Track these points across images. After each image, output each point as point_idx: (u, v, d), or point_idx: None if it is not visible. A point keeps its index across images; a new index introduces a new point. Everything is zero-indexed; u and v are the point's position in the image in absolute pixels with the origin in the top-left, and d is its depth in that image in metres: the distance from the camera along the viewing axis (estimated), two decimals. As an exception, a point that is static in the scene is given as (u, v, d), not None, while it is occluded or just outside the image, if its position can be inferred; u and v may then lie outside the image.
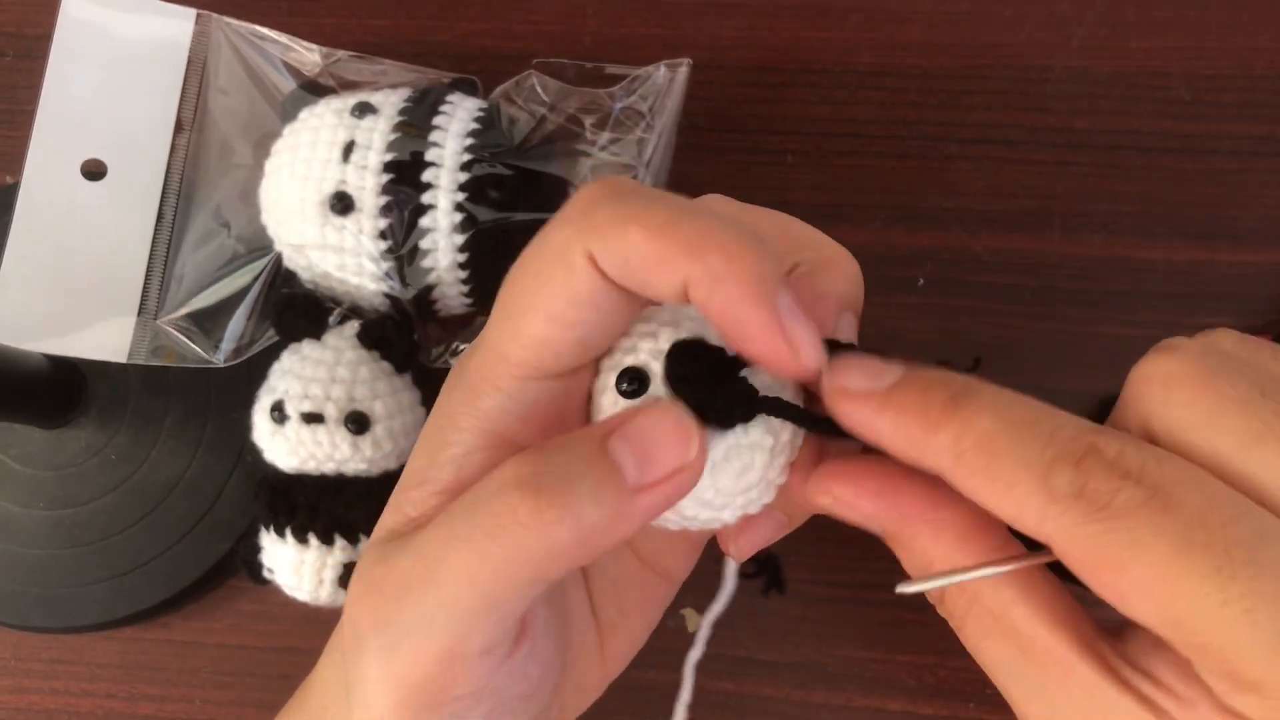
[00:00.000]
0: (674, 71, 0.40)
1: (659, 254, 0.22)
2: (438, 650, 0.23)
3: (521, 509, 0.22)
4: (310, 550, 0.37)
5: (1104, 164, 0.43)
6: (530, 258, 0.24)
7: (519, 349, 0.24)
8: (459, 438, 0.25)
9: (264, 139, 0.40)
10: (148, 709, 0.41)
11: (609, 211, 0.23)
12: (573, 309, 0.23)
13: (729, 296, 0.22)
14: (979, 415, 0.21)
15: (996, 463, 0.21)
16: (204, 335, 0.39)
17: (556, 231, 0.23)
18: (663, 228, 0.22)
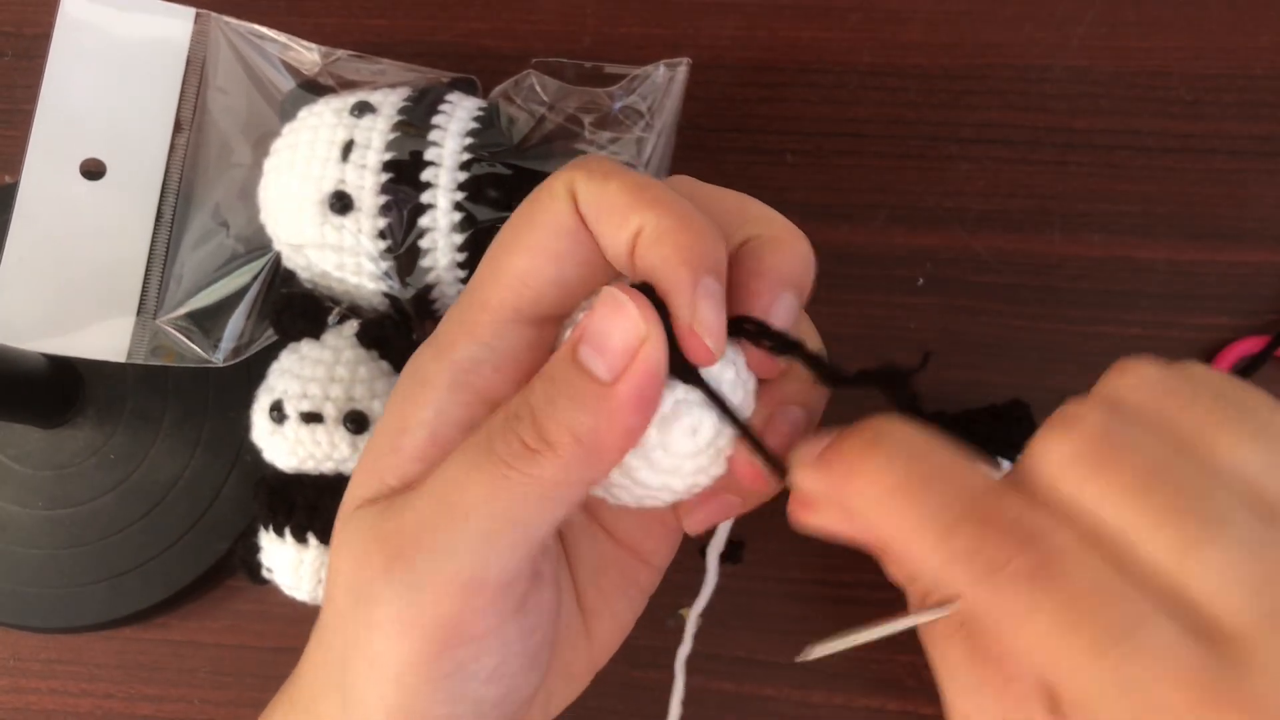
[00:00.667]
0: (673, 71, 0.40)
1: (625, 203, 0.23)
2: (463, 578, 0.23)
3: (527, 436, 0.23)
4: (309, 550, 0.37)
5: (1104, 164, 0.43)
6: (519, 208, 0.25)
7: (499, 289, 0.25)
8: (432, 395, 0.25)
9: (263, 138, 0.40)
10: (146, 709, 0.41)
11: (597, 164, 0.24)
12: (555, 239, 0.24)
13: (663, 254, 0.23)
14: (891, 465, 0.22)
15: (902, 516, 0.22)
16: (203, 335, 0.39)
17: (548, 180, 0.25)
18: (637, 185, 0.24)
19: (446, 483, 0.24)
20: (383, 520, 0.24)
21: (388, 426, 0.26)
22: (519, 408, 0.23)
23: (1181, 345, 0.41)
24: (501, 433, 0.23)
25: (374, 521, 0.25)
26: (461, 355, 0.25)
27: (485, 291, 0.25)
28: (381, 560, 0.24)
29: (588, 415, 0.23)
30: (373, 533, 0.24)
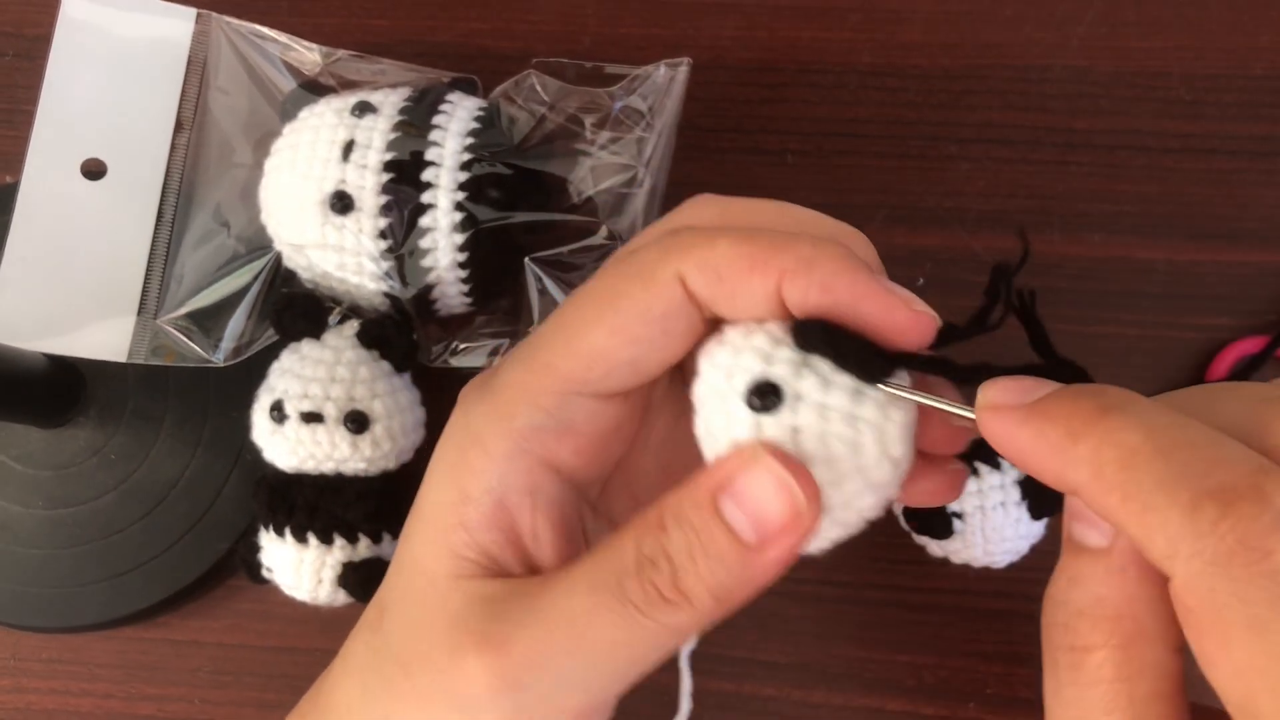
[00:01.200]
0: (674, 71, 0.40)
1: (750, 256, 0.23)
2: (580, 708, 0.24)
3: (664, 587, 0.23)
4: (309, 550, 0.37)
5: (1104, 164, 0.43)
6: (604, 277, 0.24)
7: (570, 360, 0.24)
8: (492, 465, 0.25)
9: (264, 138, 0.40)
10: (147, 709, 0.41)
11: (691, 234, 0.24)
12: (642, 324, 0.24)
13: (828, 275, 0.22)
14: (1127, 429, 0.19)
15: (1135, 481, 0.19)
16: (204, 335, 0.39)
17: (640, 255, 0.24)
18: (747, 235, 0.23)
19: (574, 614, 0.23)
20: (491, 624, 0.24)
21: (447, 494, 0.25)
22: (655, 554, 0.23)
23: (1181, 345, 0.41)
24: (636, 578, 0.23)
25: (480, 624, 0.24)
26: (522, 423, 0.25)
27: (554, 357, 0.24)
28: (489, 675, 0.23)
29: (729, 576, 0.22)
30: (479, 637, 0.24)
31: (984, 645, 0.40)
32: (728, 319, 0.24)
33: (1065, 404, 0.21)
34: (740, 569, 0.22)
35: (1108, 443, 0.19)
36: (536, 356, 0.25)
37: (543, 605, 0.24)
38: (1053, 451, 0.20)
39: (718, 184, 0.43)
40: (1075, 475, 0.20)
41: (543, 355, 0.25)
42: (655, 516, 0.23)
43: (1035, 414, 0.21)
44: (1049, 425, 0.20)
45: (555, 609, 0.23)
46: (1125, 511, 0.19)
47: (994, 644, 0.40)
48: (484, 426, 0.25)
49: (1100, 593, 0.21)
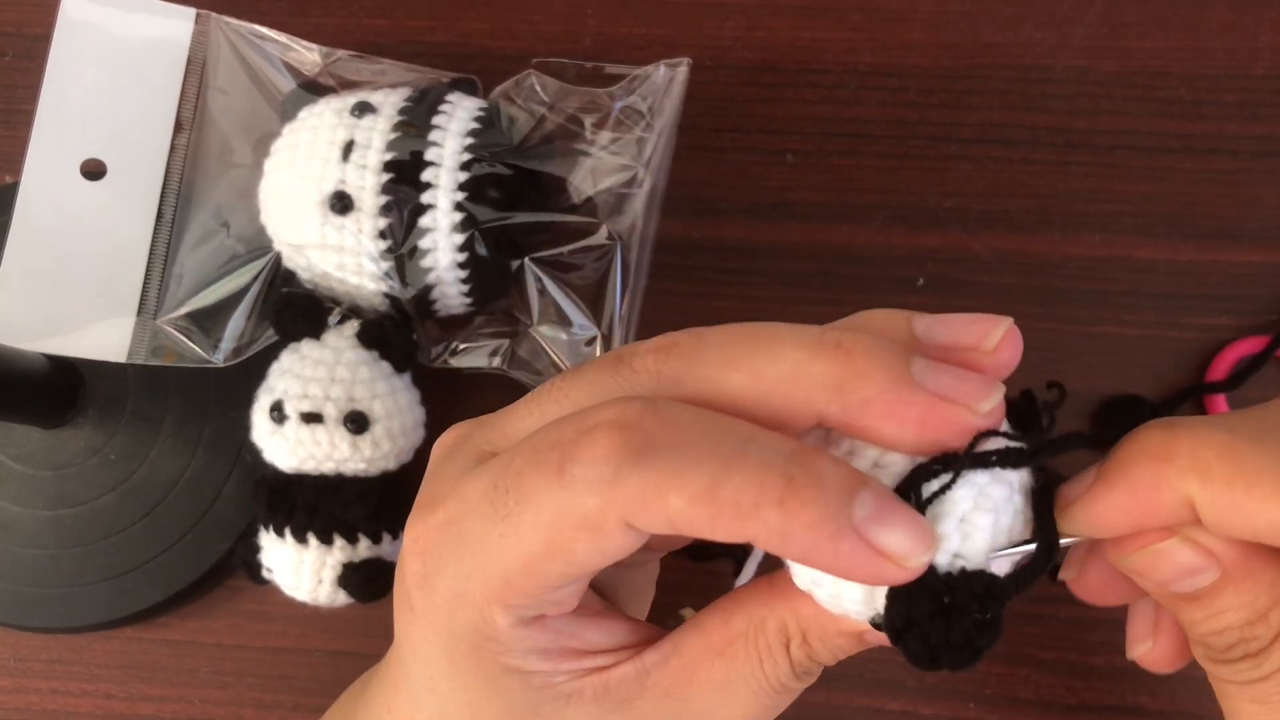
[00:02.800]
0: (674, 71, 0.40)
1: (708, 518, 0.21)
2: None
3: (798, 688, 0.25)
4: (309, 550, 0.37)
5: (1104, 164, 0.43)
6: (544, 508, 0.22)
7: (532, 583, 0.23)
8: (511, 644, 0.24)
9: (264, 138, 0.40)
10: (147, 709, 0.41)
11: (640, 480, 0.21)
12: (600, 563, 0.22)
13: (804, 546, 0.21)
14: (1206, 431, 0.21)
15: (1250, 466, 0.20)
16: (203, 335, 0.39)
17: (580, 497, 0.21)
18: (706, 491, 0.20)
19: (746, 716, 0.25)
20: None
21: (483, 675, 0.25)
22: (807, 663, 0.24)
23: (1181, 345, 0.41)
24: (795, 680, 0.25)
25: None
26: (506, 620, 0.24)
27: (508, 574, 0.23)
28: None
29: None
30: None
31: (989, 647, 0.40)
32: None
33: (1132, 446, 0.22)
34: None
35: (1202, 444, 0.20)
36: (492, 572, 0.23)
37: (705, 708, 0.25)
38: (1149, 486, 0.21)
39: (717, 184, 0.44)
40: (1182, 487, 0.21)
41: (496, 570, 0.23)
42: (798, 632, 0.24)
43: (1112, 471, 0.22)
44: (1132, 469, 0.21)
45: (724, 711, 0.25)
46: (1255, 496, 0.20)
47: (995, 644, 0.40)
48: (473, 633, 0.24)
49: (1246, 600, 0.22)
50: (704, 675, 0.24)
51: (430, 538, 0.24)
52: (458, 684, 0.25)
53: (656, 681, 0.25)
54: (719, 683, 0.24)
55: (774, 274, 0.43)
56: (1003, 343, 0.23)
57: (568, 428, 0.22)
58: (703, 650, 0.25)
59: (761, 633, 0.24)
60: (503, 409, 0.26)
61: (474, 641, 0.24)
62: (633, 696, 0.24)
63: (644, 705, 0.24)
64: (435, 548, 0.24)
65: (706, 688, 0.24)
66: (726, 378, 0.22)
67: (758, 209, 0.43)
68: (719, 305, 0.42)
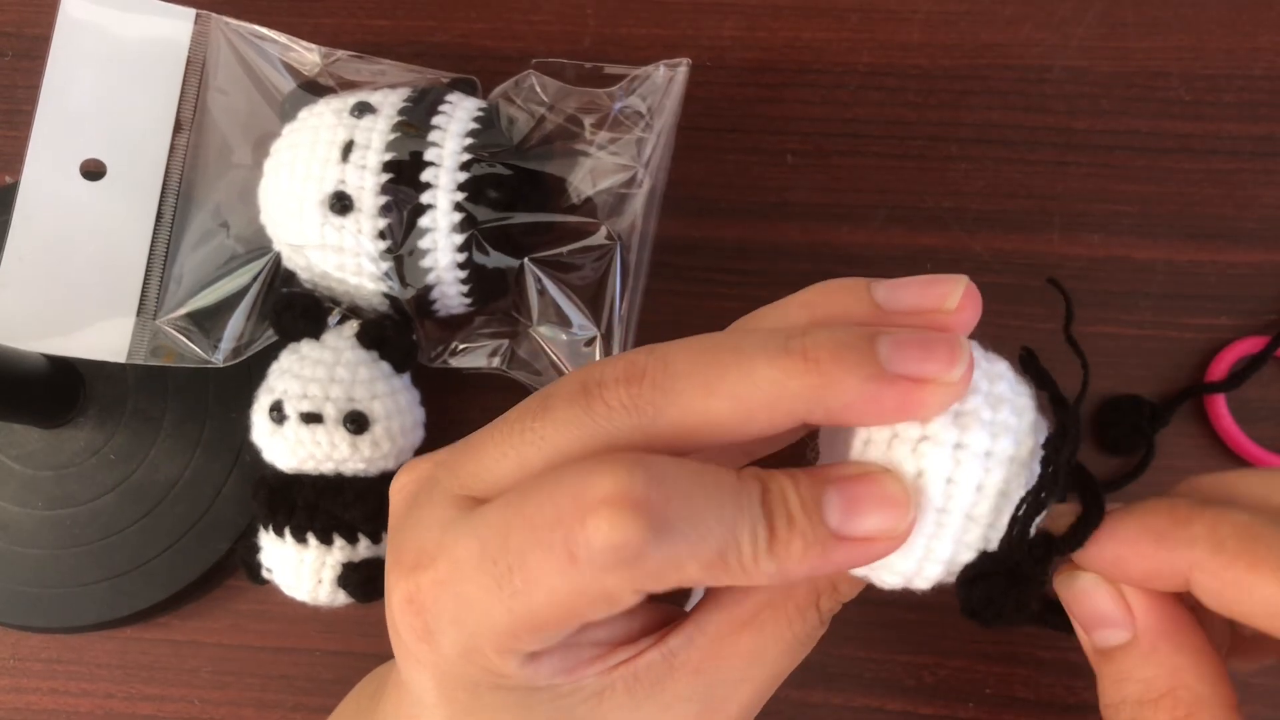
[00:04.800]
0: (673, 71, 0.40)
1: (722, 578, 0.22)
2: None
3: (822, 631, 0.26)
4: (309, 550, 0.37)
5: (1104, 164, 0.43)
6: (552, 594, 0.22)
7: (517, 640, 0.23)
8: (522, 675, 0.24)
9: (263, 139, 0.40)
10: (147, 709, 0.41)
11: (657, 560, 0.21)
12: (611, 615, 0.23)
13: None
14: (1232, 510, 0.22)
15: (1263, 548, 0.21)
16: (203, 335, 0.39)
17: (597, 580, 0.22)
18: (720, 558, 0.22)
19: (776, 677, 0.26)
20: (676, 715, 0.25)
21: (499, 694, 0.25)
22: (833, 607, 0.25)
23: (1181, 345, 0.41)
24: (823, 624, 0.25)
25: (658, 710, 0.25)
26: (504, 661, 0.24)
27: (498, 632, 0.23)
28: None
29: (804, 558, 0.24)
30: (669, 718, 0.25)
31: (983, 645, 0.40)
32: None
33: (1163, 503, 0.23)
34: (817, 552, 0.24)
35: (1223, 521, 0.22)
36: (497, 628, 0.23)
37: (739, 675, 0.25)
38: (1161, 540, 0.22)
39: (717, 184, 0.44)
40: (1189, 553, 0.22)
41: (502, 627, 0.23)
42: (828, 583, 0.25)
43: (1136, 513, 0.23)
44: (1152, 518, 0.23)
45: (759, 674, 0.25)
46: (1256, 576, 0.21)
47: (993, 644, 0.40)
48: (477, 672, 0.24)
49: (1147, 676, 0.23)
50: (732, 648, 0.25)
51: (425, 596, 0.23)
52: (488, 715, 0.25)
53: (685, 661, 0.25)
54: (749, 652, 0.25)
55: (774, 274, 0.43)
56: (963, 301, 0.24)
57: (563, 500, 0.22)
58: (728, 625, 0.25)
59: (790, 598, 0.25)
60: (463, 442, 0.25)
61: (494, 682, 0.24)
62: (663, 680, 0.25)
63: (676, 686, 0.25)
64: (434, 605, 0.23)
65: (737, 659, 0.25)
66: (708, 406, 0.22)
67: (757, 209, 0.43)
68: (719, 305, 0.42)
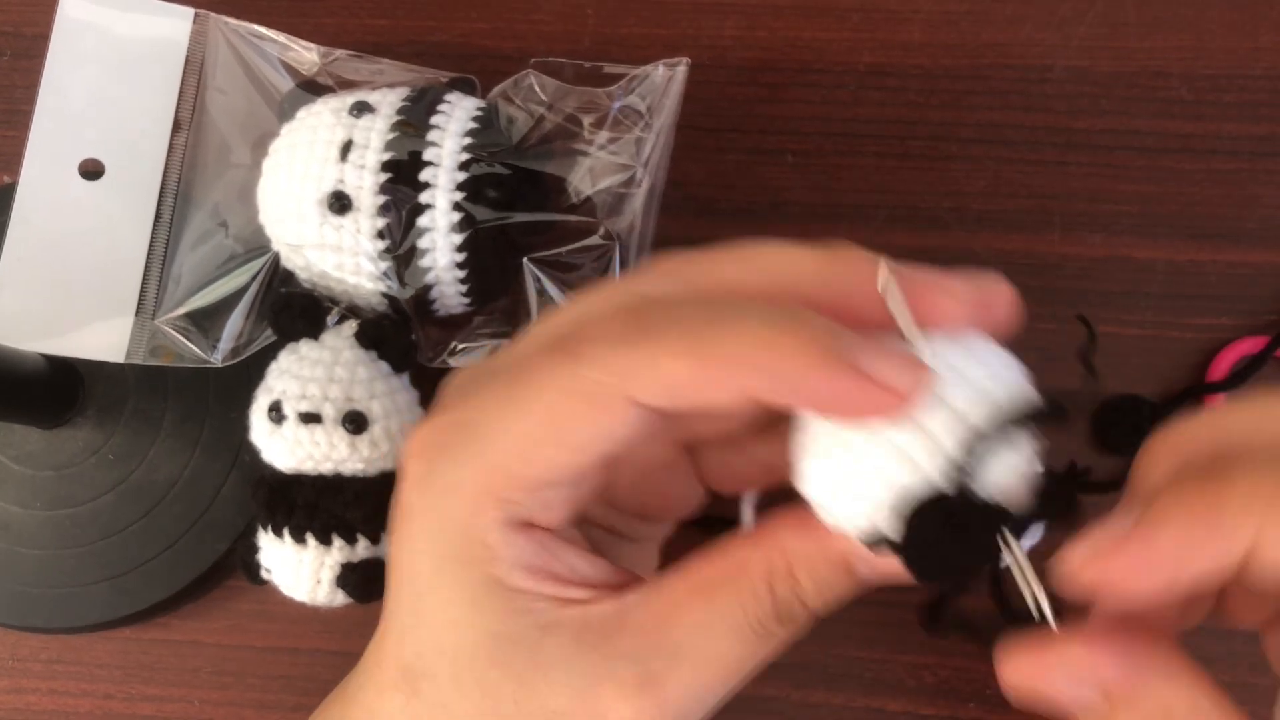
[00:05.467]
0: (672, 71, 0.40)
1: (702, 376, 0.22)
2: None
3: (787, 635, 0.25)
4: (308, 550, 0.37)
5: (1104, 164, 0.43)
6: (550, 386, 0.23)
7: (533, 474, 0.24)
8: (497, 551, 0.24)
9: (262, 138, 0.40)
10: (147, 709, 0.41)
11: (637, 349, 0.22)
12: (606, 444, 0.23)
13: (795, 383, 0.21)
14: (1260, 458, 0.20)
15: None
16: (202, 335, 0.39)
17: (585, 372, 0.23)
18: (694, 346, 0.22)
19: (723, 657, 0.24)
20: (624, 665, 0.24)
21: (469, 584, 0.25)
22: (791, 602, 0.25)
23: (1181, 345, 0.41)
24: (778, 621, 0.25)
25: (612, 668, 0.24)
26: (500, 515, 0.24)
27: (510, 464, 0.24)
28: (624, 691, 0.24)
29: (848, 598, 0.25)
30: (619, 682, 0.24)
31: (984, 647, 0.40)
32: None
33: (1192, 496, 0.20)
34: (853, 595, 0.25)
35: (1266, 475, 0.20)
36: (493, 460, 0.24)
37: (681, 647, 0.24)
38: (1206, 521, 0.20)
39: (717, 184, 0.44)
40: (1245, 524, 0.19)
41: (498, 459, 0.24)
42: (783, 568, 0.24)
43: (1159, 512, 0.20)
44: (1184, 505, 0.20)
45: (706, 654, 0.24)
46: None
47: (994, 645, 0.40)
48: (465, 522, 0.24)
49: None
50: (683, 614, 0.24)
51: (434, 436, 0.25)
52: (442, 599, 0.25)
53: (636, 619, 0.25)
54: (698, 622, 0.24)
55: (773, 274, 0.42)
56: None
57: (577, 313, 0.24)
58: (684, 590, 0.25)
59: (745, 573, 0.24)
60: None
61: (460, 547, 0.24)
62: (611, 633, 0.24)
63: (622, 642, 0.24)
64: (437, 444, 0.25)
65: (685, 626, 0.24)
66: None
67: (757, 209, 0.43)
68: (718, 305, 0.42)
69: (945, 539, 0.22)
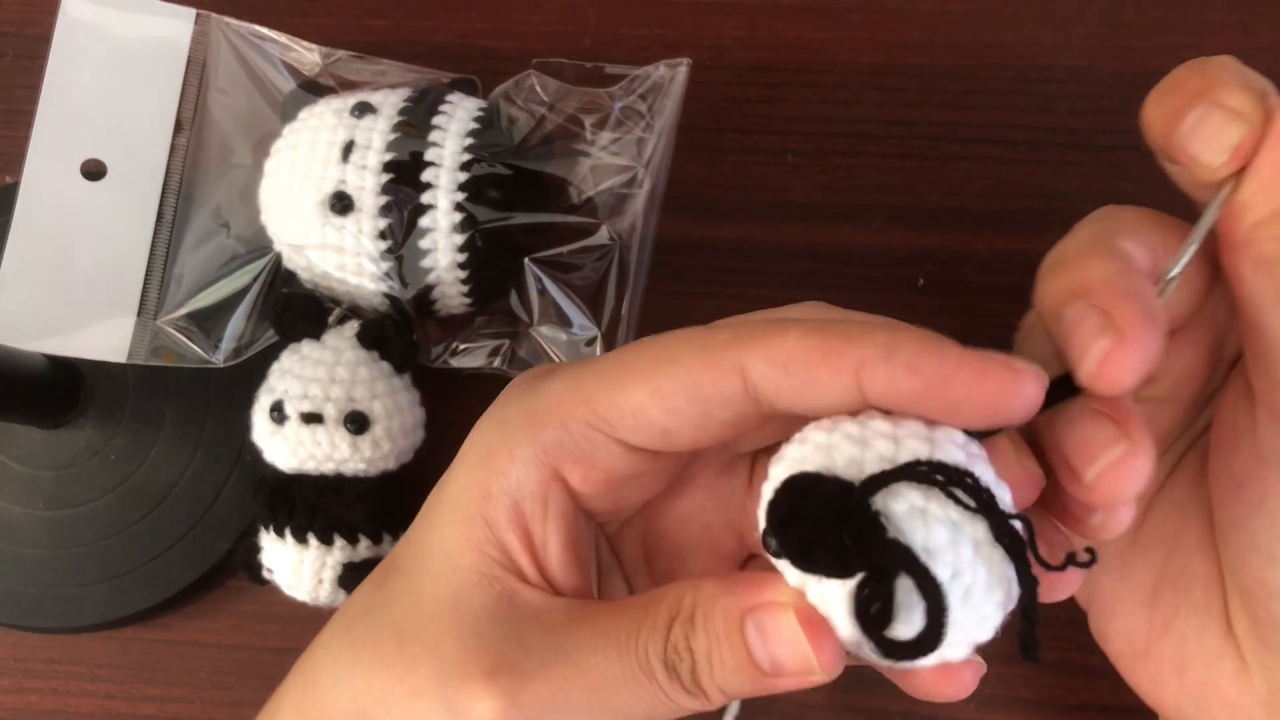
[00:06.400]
0: (673, 71, 0.40)
1: (822, 347, 0.22)
2: None
3: (686, 679, 0.23)
4: (309, 550, 0.37)
5: (1105, 164, 0.43)
6: (676, 339, 0.24)
7: (607, 401, 0.24)
8: (511, 468, 0.25)
9: (264, 139, 0.40)
10: (148, 709, 0.41)
11: (767, 325, 0.23)
12: (686, 399, 0.24)
13: (912, 356, 0.22)
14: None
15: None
16: (203, 335, 0.39)
17: (714, 333, 0.24)
18: (820, 325, 0.23)
19: (601, 675, 0.24)
20: (509, 647, 0.24)
21: (472, 487, 0.26)
22: (681, 646, 0.23)
23: (1182, 345, 0.41)
24: (664, 665, 0.23)
25: (498, 642, 0.24)
26: (547, 436, 0.25)
27: (596, 391, 0.25)
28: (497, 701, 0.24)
29: (741, 687, 0.23)
30: (496, 657, 0.24)
31: (984, 646, 0.40)
32: (801, 414, 0.23)
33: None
34: (752, 684, 0.23)
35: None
36: (583, 383, 0.25)
37: (568, 650, 0.24)
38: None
39: (717, 184, 0.44)
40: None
41: (588, 384, 0.25)
42: (689, 608, 0.23)
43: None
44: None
45: (582, 662, 0.24)
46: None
47: (994, 644, 0.40)
48: (515, 429, 0.25)
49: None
50: (591, 621, 0.24)
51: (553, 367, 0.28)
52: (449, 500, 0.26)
53: (552, 618, 0.25)
54: (596, 630, 0.24)
55: (774, 274, 0.43)
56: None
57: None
58: (607, 606, 0.25)
59: (659, 601, 0.24)
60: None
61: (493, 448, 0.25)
62: (525, 618, 0.25)
63: (530, 630, 0.24)
64: (551, 370, 0.27)
65: (586, 630, 0.24)
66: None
67: (757, 209, 0.43)
68: (719, 305, 0.42)
69: (798, 509, 0.21)
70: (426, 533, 0.27)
